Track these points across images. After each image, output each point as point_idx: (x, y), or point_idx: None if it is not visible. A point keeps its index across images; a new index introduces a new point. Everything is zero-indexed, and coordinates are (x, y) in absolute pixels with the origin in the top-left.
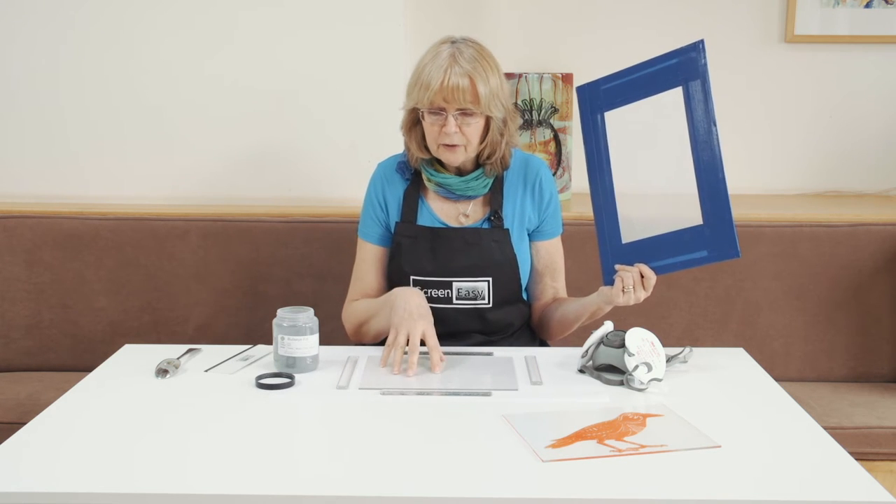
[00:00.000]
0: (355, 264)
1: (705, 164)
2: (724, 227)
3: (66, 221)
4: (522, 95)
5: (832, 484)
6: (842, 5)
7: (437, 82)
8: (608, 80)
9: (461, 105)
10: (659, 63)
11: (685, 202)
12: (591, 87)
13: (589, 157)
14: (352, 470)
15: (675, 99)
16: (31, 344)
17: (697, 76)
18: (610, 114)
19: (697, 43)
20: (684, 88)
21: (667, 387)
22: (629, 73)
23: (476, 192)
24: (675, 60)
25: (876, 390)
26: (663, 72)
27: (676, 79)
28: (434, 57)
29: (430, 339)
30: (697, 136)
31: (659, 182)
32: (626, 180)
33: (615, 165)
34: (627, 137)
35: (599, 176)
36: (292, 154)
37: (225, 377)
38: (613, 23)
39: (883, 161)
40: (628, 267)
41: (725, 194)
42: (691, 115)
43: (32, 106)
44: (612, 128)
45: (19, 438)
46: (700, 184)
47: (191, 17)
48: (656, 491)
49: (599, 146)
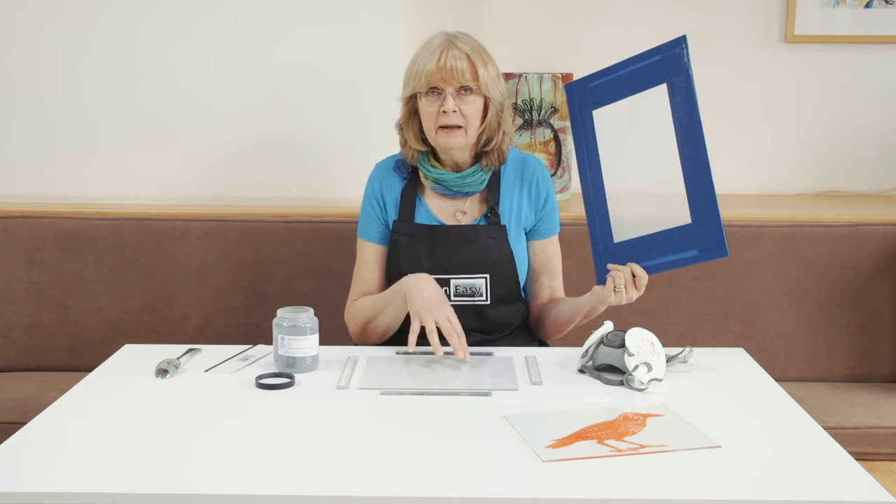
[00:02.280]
0: (356, 265)
1: (692, 163)
2: (712, 227)
3: (66, 221)
4: (522, 95)
5: (832, 484)
6: (842, 5)
7: (433, 63)
8: (595, 77)
9: (460, 82)
10: (643, 59)
11: (674, 201)
12: (579, 85)
13: (579, 155)
14: (352, 470)
15: (660, 96)
16: (31, 344)
17: (681, 72)
18: (598, 112)
19: (680, 38)
20: (668, 85)
21: (667, 387)
22: (615, 70)
23: (473, 189)
24: (659, 57)
25: (876, 390)
26: (648, 68)
27: (661, 75)
28: (428, 45)
29: (457, 325)
30: (683, 133)
31: (648, 180)
32: (617, 179)
33: (605, 164)
34: (616, 135)
35: (590, 174)
36: (292, 154)
37: (225, 377)
38: (613, 23)
39: (883, 161)
40: (620, 266)
41: (713, 193)
42: (676, 112)
43: (33, 105)
44: (600, 126)
45: (19, 438)
46: (687, 182)
47: (191, 18)
48: (656, 491)
49: (589, 144)
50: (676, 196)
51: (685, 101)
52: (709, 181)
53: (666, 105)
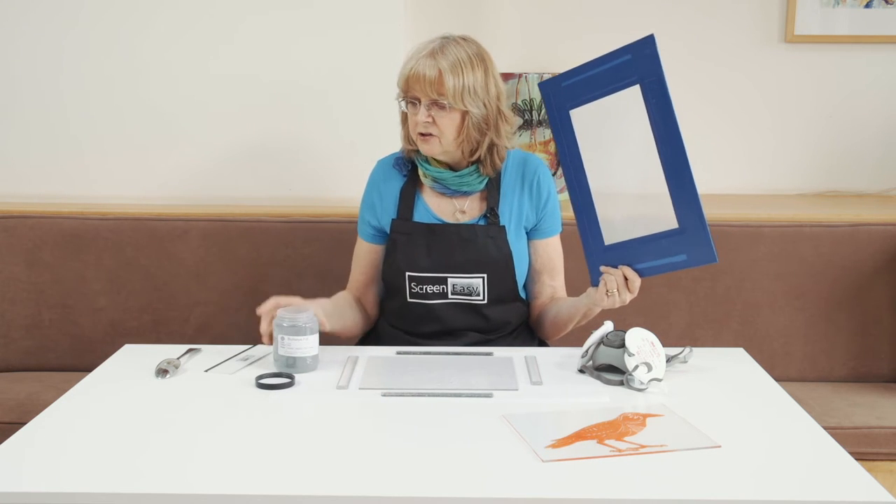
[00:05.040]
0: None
1: (672, 167)
2: (698, 233)
3: (67, 221)
4: (522, 95)
5: (832, 484)
6: (842, 5)
7: (406, 71)
8: (568, 75)
9: (428, 95)
10: (614, 59)
11: (660, 203)
12: (552, 84)
13: (561, 156)
14: (352, 470)
15: (634, 96)
16: (31, 344)
17: (652, 73)
18: (575, 112)
19: (649, 38)
20: (641, 86)
21: (667, 387)
22: (587, 70)
23: (471, 188)
24: (629, 56)
25: (876, 390)
26: (619, 68)
27: (633, 76)
28: (417, 48)
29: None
30: (660, 135)
31: (632, 181)
32: (601, 179)
33: (588, 164)
34: (595, 136)
35: (574, 175)
36: (293, 154)
37: (225, 377)
38: (613, 23)
39: (883, 161)
40: (612, 269)
41: (696, 198)
42: (651, 113)
43: (34, 105)
44: (579, 126)
45: (19, 438)
46: (670, 187)
47: (193, 19)
48: (656, 491)
49: (570, 145)
50: (661, 197)
51: (659, 102)
52: (691, 185)
53: (642, 106)
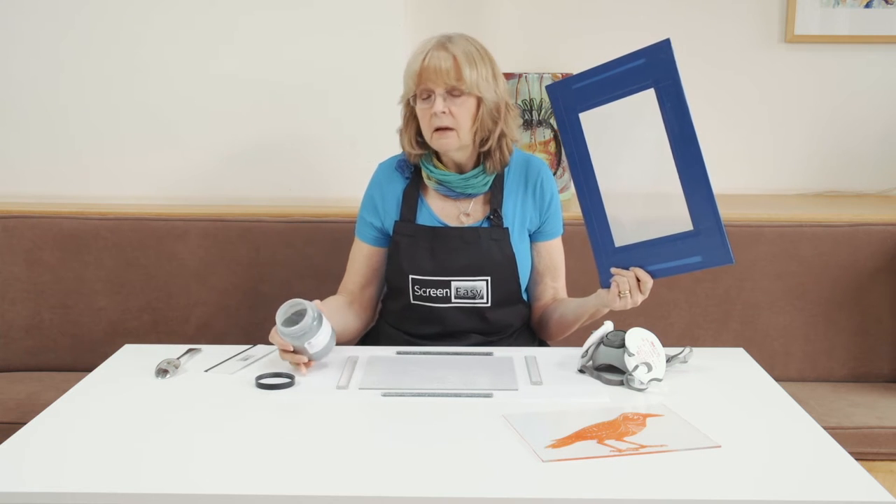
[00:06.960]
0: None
1: (688, 169)
2: (714, 235)
3: (66, 221)
4: (522, 95)
5: (832, 484)
6: (842, 5)
7: (419, 64)
8: (579, 78)
9: (446, 83)
10: (628, 62)
11: (674, 205)
12: (562, 86)
13: (570, 158)
14: (352, 470)
15: (648, 101)
16: (31, 344)
17: (668, 78)
18: (585, 115)
19: (663, 43)
20: (656, 90)
21: (667, 387)
22: (599, 73)
23: (476, 190)
24: (643, 61)
25: (876, 390)
26: (633, 71)
27: (647, 80)
28: (421, 46)
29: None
30: (675, 138)
31: (644, 183)
32: (611, 181)
33: (598, 166)
34: (606, 139)
35: (583, 177)
36: (293, 154)
37: (225, 377)
38: (613, 23)
39: (883, 161)
40: (623, 271)
41: (713, 200)
42: (666, 117)
43: (33, 106)
44: (588, 129)
45: (19, 438)
46: (685, 190)
47: (191, 19)
48: (656, 491)
49: (579, 148)
50: (675, 199)
51: (675, 106)
52: (707, 187)
53: (656, 109)
